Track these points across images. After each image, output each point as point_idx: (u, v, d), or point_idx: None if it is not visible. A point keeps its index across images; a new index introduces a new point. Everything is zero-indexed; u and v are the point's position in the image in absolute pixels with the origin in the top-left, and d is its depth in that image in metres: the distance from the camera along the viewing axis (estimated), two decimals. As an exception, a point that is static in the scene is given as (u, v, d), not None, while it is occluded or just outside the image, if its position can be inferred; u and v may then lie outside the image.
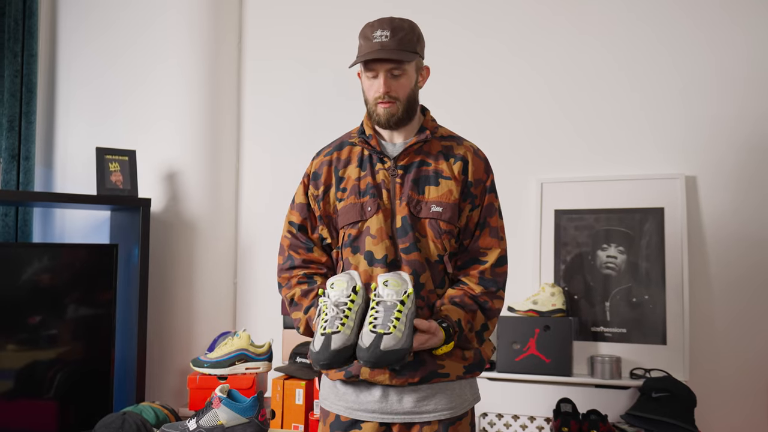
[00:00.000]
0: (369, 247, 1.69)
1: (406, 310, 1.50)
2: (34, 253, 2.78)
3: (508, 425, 2.63)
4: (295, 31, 3.26)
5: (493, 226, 1.77)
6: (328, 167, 1.80)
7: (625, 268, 2.66)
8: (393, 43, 1.68)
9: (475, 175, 1.77)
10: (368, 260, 1.69)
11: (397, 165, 1.75)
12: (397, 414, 1.65)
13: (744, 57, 2.61)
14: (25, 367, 2.66)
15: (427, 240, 1.70)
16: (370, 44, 1.69)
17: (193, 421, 1.61)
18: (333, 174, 1.79)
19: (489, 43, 2.93)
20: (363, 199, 1.72)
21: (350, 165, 1.78)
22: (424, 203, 1.71)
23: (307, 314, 1.69)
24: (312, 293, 1.70)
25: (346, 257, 1.73)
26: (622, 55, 2.76)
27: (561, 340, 2.55)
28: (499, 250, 1.75)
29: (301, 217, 1.80)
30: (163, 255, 3.03)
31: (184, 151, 3.08)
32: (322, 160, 1.82)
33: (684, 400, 2.28)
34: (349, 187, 1.75)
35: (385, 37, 1.67)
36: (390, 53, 1.67)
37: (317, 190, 1.79)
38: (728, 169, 2.60)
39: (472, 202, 1.75)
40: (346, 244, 1.73)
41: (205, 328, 3.05)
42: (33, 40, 3.23)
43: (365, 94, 1.76)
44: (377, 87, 1.70)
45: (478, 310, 1.70)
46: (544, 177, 2.80)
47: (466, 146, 1.81)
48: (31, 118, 3.21)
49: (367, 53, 1.69)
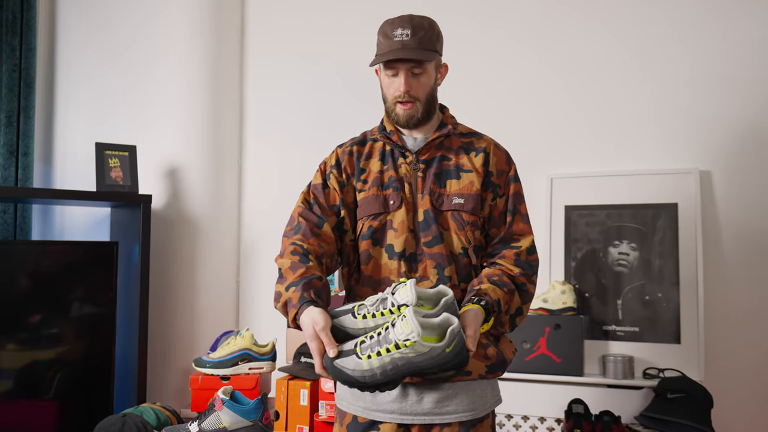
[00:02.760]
0: (390, 240, 1.69)
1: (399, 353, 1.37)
2: (33, 251, 2.76)
3: (518, 426, 2.57)
4: (297, 25, 3.22)
5: (523, 213, 1.77)
6: (350, 157, 1.80)
7: (637, 265, 2.60)
8: (414, 42, 1.67)
9: (497, 166, 1.76)
10: (389, 253, 1.69)
11: (419, 159, 1.75)
12: (416, 414, 1.60)
13: (762, 50, 2.54)
14: (25, 367, 2.63)
15: (450, 233, 1.69)
16: (391, 43, 1.68)
17: (195, 424, 1.56)
18: (354, 164, 1.79)
19: (497, 35, 2.88)
20: (386, 192, 1.73)
21: (372, 159, 1.79)
22: (445, 196, 1.71)
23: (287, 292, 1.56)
24: (300, 270, 1.58)
25: (365, 249, 1.71)
26: (634, 47, 2.70)
27: (572, 339, 2.49)
28: (532, 236, 1.75)
29: (314, 194, 1.79)
30: (164, 253, 2.99)
31: (186, 147, 3.03)
32: (345, 149, 1.82)
33: (700, 401, 2.22)
34: (371, 179, 1.76)
35: (406, 36, 1.67)
36: (412, 53, 1.66)
37: (340, 176, 1.78)
38: (744, 164, 2.53)
39: (494, 191, 1.74)
40: (365, 236, 1.71)
41: (207, 327, 3.01)
42: (31, 34, 3.19)
43: (384, 93, 1.76)
44: (397, 86, 1.70)
45: (516, 291, 1.66)
46: (554, 172, 2.74)
47: (487, 140, 1.82)
48: (29, 114, 3.17)
49: (388, 52, 1.68)
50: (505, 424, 2.58)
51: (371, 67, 1.75)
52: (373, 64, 1.73)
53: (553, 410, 2.50)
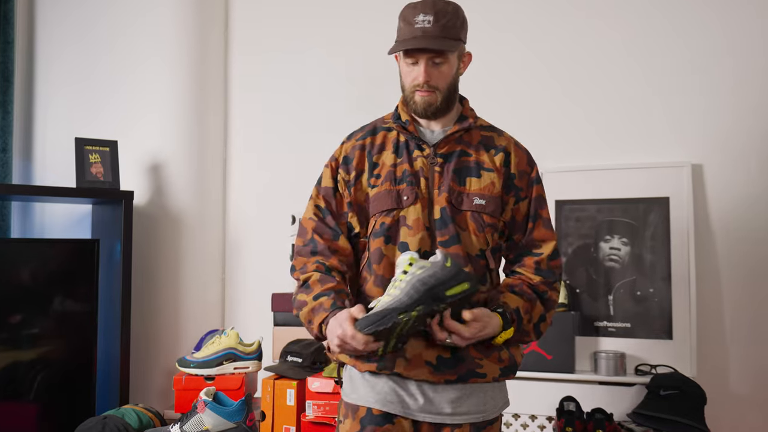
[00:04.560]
0: (404, 238, 1.60)
1: (408, 276, 1.44)
2: (13, 249, 2.72)
3: (509, 424, 2.54)
4: (281, 20, 3.18)
5: (545, 217, 1.70)
6: (361, 152, 1.69)
7: (629, 261, 2.57)
8: (436, 30, 1.58)
9: (519, 167, 1.69)
10: (402, 250, 1.59)
11: (437, 153, 1.65)
12: (429, 413, 1.56)
13: (754, 43, 2.52)
14: (4, 369, 2.58)
15: (468, 233, 1.61)
16: (412, 29, 1.58)
17: (177, 427, 1.51)
18: (366, 159, 1.69)
19: (489, 29, 2.84)
20: (399, 187, 1.63)
21: (385, 151, 1.69)
22: (465, 195, 1.63)
23: (316, 301, 1.56)
24: (329, 284, 1.58)
25: (377, 247, 1.62)
26: (626, 41, 2.67)
27: (563, 336, 2.47)
28: (554, 242, 1.69)
29: (327, 201, 1.69)
30: (147, 250, 2.94)
31: (169, 142, 2.98)
32: (354, 144, 1.71)
33: (694, 398, 2.20)
34: (384, 173, 1.66)
35: (428, 22, 1.57)
36: (433, 42, 1.57)
37: (348, 174, 1.68)
38: (736, 157, 2.51)
39: (516, 194, 1.67)
40: (377, 233, 1.63)
41: (191, 326, 2.96)
42: (9, 26, 3.12)
43: (402, 80, 1.66)
44: (416, 75, 1.61)
45: (537, 299, 1.62)
46: (545, 166, 2.70)
47: (507, 138, 1.74)
48: (8, 108, 3.11)
49: (407, 40, 1.58)
50: (496, 423, 2.55)
51: (390, 54, 1.64)
52: (392, 52, 1.63)
53: (544, 408, 2.47)
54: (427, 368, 1.54)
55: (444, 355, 1.54)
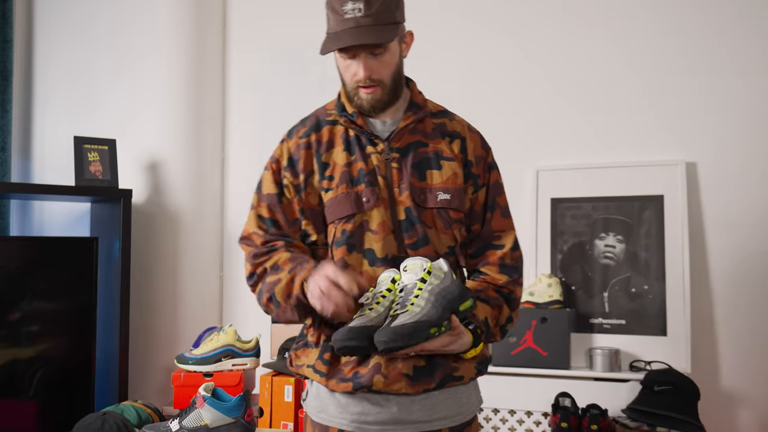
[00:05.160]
0: (369, 245, 1.47)
1: (430, 285, 1.36)
2: (12, 247, 2.73)
3: (505, 420, 2.55)
4: (279, 18, 3.19)
5: (503, 206, 1.60)
6: (307, 151, 1.54)
7: (623, 258, 2.59)
8: (370, 19, 1.41)
9: (475, 152, 1.58)
10: (369, 259, 1.47)
11: (392, 148, 1.52)
12: (406, 423, 1.46)
13: (745, 42, 2.54)
14: (3, 366, 2.59)
15: (435, 231, 1.50)
16: (342, 21, 1.42)
17: (176, 422, 1.52)
18: (314, 159, 1.53)
19: (482, 29, 2.86)
20: (357, 188, 1.49)
21: (335, 148, 1.53)
22: (428, 191, 1.50)
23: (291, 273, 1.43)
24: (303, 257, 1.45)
25: (340, 257, 1.48)
26: (619, 39, 2.69)
27: (558, 333, 2.49)
28: (514, 232, 1.59)
29: (271, 211, 1.54)
30: (145, 248, 2.95)
31: (167, 141, 3.00)
32: (298, 142, 1.56)
33: (688, 393, 2.22)
34: (338, 174, 1.51)
35: (358, 10, 1.40)
36: (368, 35, 1.41)
37: (296, 178, 1.53)
38: (730, 155, 2.53)
39: (474, 183, 1.56)
40: (339, 242, 1.49)
41: (190, 323, 2.97)
42: (8, 26, 3.13)
43: (342, 76, 1.52)
44: (356, 70, 1.46)
45: (504, 303, 1.53)
46: (540, 164, 2.72)
47: (459, 121, 1.62)
48: (6, 107, 3.12)
49: (338, 34, 1.42)
50: (492, 419, 2.56)
51: (322, 55, 1.47)
52: (325, 52, 1.45)
53: (540, 404, 2.49)
54: (405, 380, 1.43)
55: (419, 364, 1.44)
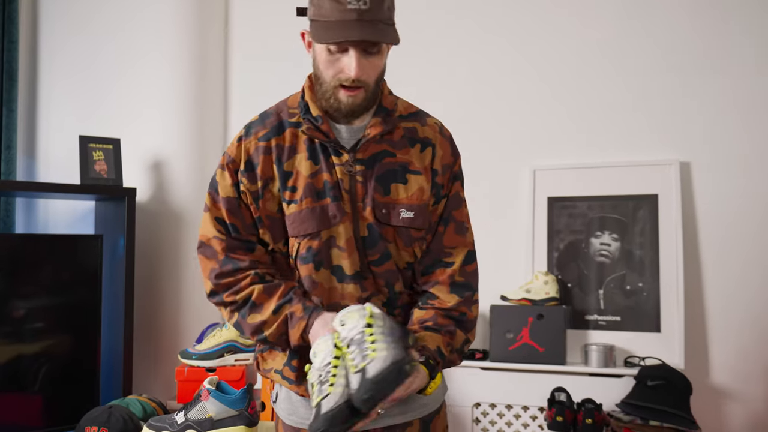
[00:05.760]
0: (338, 261, 1.39)
1: (378, 328, 1.25)
2: (19, 244, 2.75)
3: (502, 415, 2.60)
4: (282, 16, 3.20)
5: (458, 220, 1.47)
6: (266, 156, 1.39)
7: (618, 256, 2.64)
8: (374, 14, 1.28)
9: (443, 161, 1.46)
10: (338, 276, 1.39)
11: (357, 159, 1.39)
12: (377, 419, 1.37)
13: (737, 42, 2.58)
14: (10, 361, 2.62)
15: (396, 247, 1.41)
16: (343, 11, 1.27)
17: (181, 414, 1.57)
18: (275, 166, 1.39)
19: (477, 28, 2.89)
20: (323, 202, 1.37)
21: (298, 155, 1.39)
22: (392, 207, 1.39)
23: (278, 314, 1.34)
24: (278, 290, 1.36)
25: (307, 274, 1.39)
26: (614, 40, 2.73)
27: (554, 329, 2.53)
28: (466, 248, 1.46)
29: (230, 215, 1.40)
30: (149, 245, 2.99)
31: (170, 140, 3.04)
32: (257, 144, 1.40)
33: (680, 388, 2.27)
34: (301, 186, 1.38)
35: (363, 3, 1.26)
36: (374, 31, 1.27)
37: (253, 184, 1.39)
38: (722, 155, 2.58)
39: (437, 193, 1.45)
40: (305, 259, 1.39)
41: (193, 319, 3.01)
42: (13, 27, 3.16)
43: (321, 70, 1.36)
44: (343, 67, 1.32)
45: (457, 328, 1.42)
46: (537, 164, 2.77)
47: (431, 125, 1.48)
48: (12, 107, 3.15)
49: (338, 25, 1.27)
50: (489, 413, 2.61)
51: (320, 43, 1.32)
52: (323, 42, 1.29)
53: (536, 399, 2.54)
54: None
55: None
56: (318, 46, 1.34)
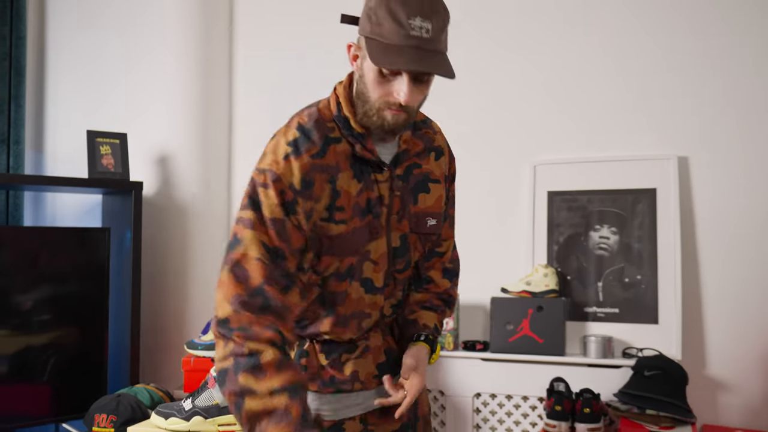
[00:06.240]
0: (368, 274, 1.40)
1: None
2: (27, 237, 2.78)
3: (502, 405, 2.65)
4: (286, 11, 3.24)
5: (453, 216, 1.61)
6: (321, 174, 1.32)
7: (617, 249, 2.67)
8: (435, 42, 1.24)
9: (450, 167, 1.54)
10: (366, 287, 1.41)
11: (396, 175, 1.41)
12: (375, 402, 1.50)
13: (734, 37, 2.60)
14: (19, 352, 2.66)
15: (415, 253, 1.48)
16: (404, 36, 1.21)
17: (189, 401, 1.62)
18: (329, 186, 1.33)
19: (479, 25, 2.92)
20: (367, 220, 1.37)
21: (342, 173, 1.34)
22: (422, 216, 1.45)
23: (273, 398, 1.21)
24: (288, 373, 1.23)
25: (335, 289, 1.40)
26: (613, 35, 2.75)
27: (554, 321, 2.56)
28: (454, 237, 1.63)
29: (278, 239, 1.29)
30: (155, 238, 3.03)
31: (176, 134, 3.07)
32: (312, 162, 1.32)
33: (676, 377, 2.30)
34: (349, 205, 1.34)
35: (426, 31, 1.22)
36: (436, 63, 1.24)
37: (308, 201, 1.31)
38: (720, 149, 2.61)
39: (446, 197, 1.53)
40: (341, 275, 1.39)
41: (198, 311, 3.05)
42: (21, 23, 3.21)
43: (367, 89, 1.30)
44: (395, 92, 1.28)
45: (446, 307, 1.62)
46: (537, 159, 2.81)
47: (438, 131, 1.54)
48: (20, 102, 3.20)
49: (399, 50, 1.21)
50: (489, 403, 2.65)
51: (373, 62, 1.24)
52: (381, 65, 1.23)
53: (536, 389, 2.57)
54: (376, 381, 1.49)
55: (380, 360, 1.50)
56: (369, 65, 1.28)
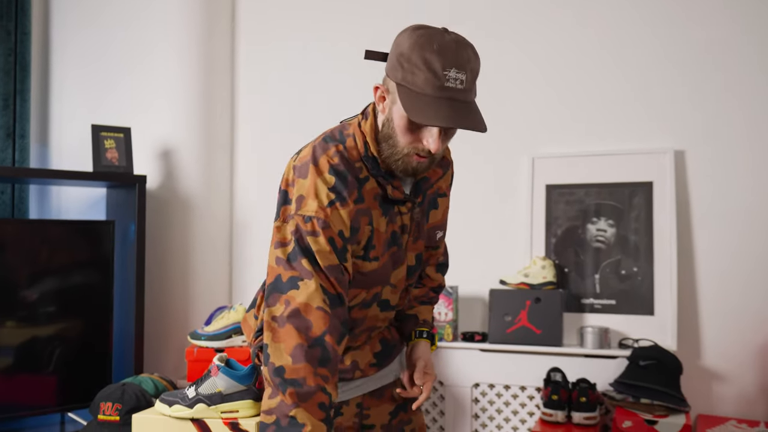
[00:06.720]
0: (386, 296, 1.48)
1: None
2: (31, 230, 2.81)
3: (500, 395, 2.69)
4: (289, 6, 3.27)
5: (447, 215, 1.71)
6: (363, 218, 1.36)
7: (614, 241, 2.71)
8: (466, 94, 1.23)
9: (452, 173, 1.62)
10: (382, 307, 1.49)
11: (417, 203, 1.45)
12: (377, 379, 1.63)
13: (732, 30, 2.63)
14: (25, 343, 2.70)
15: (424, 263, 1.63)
16: (439, 87, 1.20)
17: (193, 389, 1.65)
18: (369, 228, 1.37)
19: (476, 17, 2.95)
20: (391, 251, 1.42)
21: (373, 211, 1.37)
22: (433, 231, 1.54)
23: None
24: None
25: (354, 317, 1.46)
26: (611, 29, 2.78)
27: (551, 312, 2.60)
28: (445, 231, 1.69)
29: (339, 285, 1.30)
30: (159, 231, 3.07)
31: (179, 129, 3.11)
32: (357, 208, 1.34)
33: (671, 367, 2.34)
34: (380, 242, 1.39)
35: (460, 82, 1.21)
36: (467, 119, 1.22)
37: (355, 245, 1.36)
38: (716, 143, 2.63)
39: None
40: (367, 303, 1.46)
41: (201, 302, 3.09)
42: (26, 18, 3.24)
43: (395, 133, 1.30)
44: (424, 141, 1.28)
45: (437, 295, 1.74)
46: (536, 153, 2.84)
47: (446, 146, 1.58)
48: (25, 96, 3.23)
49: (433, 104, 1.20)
50: (488, 393, 2.69)
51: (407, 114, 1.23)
52: (415, 118, 1.21)
53: (533, 379, 2.61)
54: (374, 368, 1.58)
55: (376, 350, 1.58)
56: (399, 111, 1.27)
